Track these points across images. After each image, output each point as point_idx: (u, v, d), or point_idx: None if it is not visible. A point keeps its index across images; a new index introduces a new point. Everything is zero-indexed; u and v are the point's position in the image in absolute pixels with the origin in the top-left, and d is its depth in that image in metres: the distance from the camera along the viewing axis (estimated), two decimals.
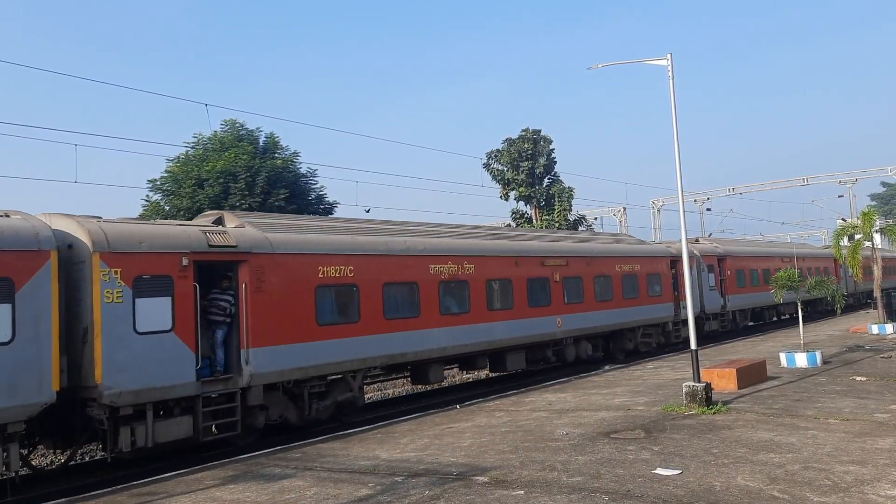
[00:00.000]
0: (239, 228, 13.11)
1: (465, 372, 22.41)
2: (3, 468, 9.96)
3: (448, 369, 21.64)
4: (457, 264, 16.73)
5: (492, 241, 18.87)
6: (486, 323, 17.36)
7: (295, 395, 13.62)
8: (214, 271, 12.57)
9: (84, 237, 10.69)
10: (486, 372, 22.00)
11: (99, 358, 10.33)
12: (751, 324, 33.86)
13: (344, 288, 14.21)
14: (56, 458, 14.76)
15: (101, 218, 11.65)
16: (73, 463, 12.93)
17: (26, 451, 11.56)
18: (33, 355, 9.85)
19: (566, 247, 21.33)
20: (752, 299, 31.90)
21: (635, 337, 23.75)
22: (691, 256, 24.73)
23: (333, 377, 14.25)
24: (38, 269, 10.11)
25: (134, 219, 14.08)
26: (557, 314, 19.83)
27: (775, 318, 37.04)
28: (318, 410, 13.96)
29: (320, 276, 13.67)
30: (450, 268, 16.53)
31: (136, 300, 10.93)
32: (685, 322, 24.12)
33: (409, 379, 19.09)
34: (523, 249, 19.31)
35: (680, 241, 15.06)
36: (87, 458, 14.52)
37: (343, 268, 14.11)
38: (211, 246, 12.03)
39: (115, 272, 10.75)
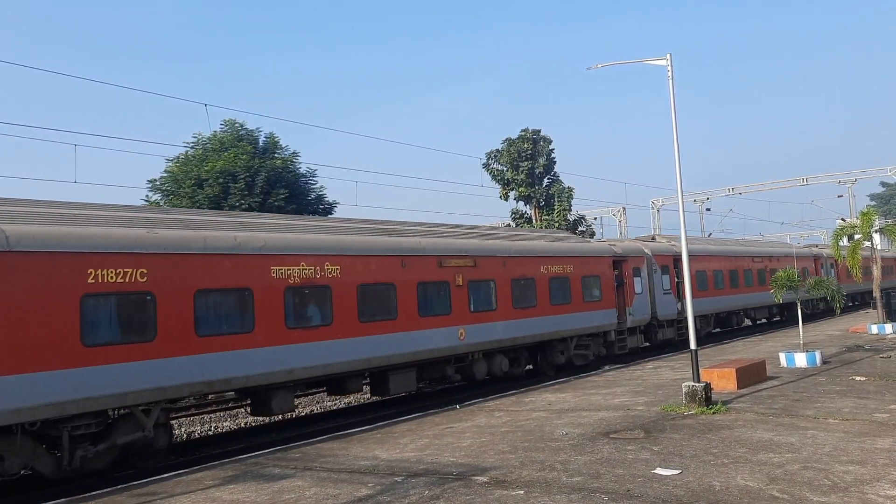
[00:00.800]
0: None
1: (336, 397, 19.27)
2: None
3: (311, 394, 19.55)
4: (314, 266, 13.89)
5: (367, 237, 15.76)
6: (358, 337, 14.47)
7: (52, 438, 10.75)
8: None
9: None
10: (366, 395, 19.34)
11: None
12: (716, 330, 31.37)
13: (130, 297, 11.15)
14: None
15: None
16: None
17: None
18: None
19: (473, 245, 18.16)
20: (716, 304, 29.27)
21: (568, 349, 21.06)
22: (640, 256, 24.30)
23: (120, 412, 11.46)
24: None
25: None
26: (460, 324, 16.87)
27: (748, 323, 34.93)
28: (88, 459, 11.03)
29: (91, 281, 10.66)
30: (303, 270, 13.70)
31: None
32: (632, 330, 23.62)
33: (248, 409, 16.13)
34: (413, 248, 16.25)
35: (633, 238, 15.25)
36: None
37: (130, 271, 11.10)
38: None
39: None
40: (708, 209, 54.97)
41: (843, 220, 46.38)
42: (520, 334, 18.94)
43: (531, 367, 21.25)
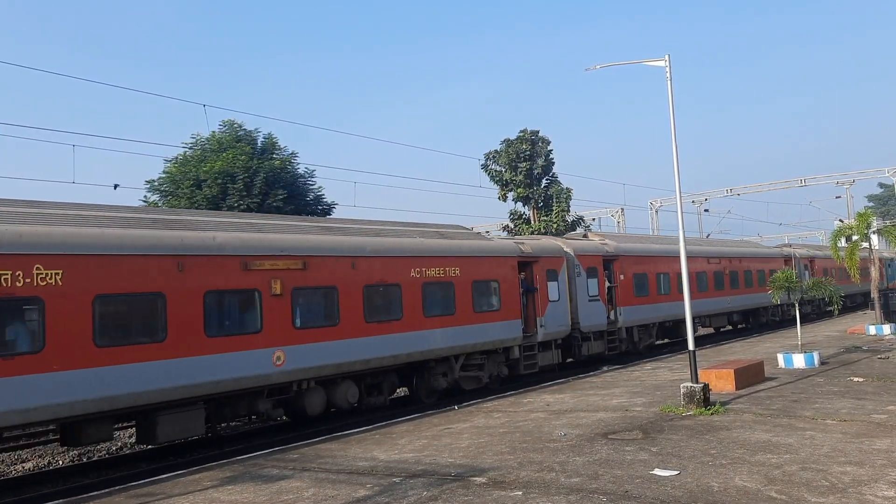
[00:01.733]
0: None
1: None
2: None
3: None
4: (13, 270, 9.90)
5: (118, 230, 11.48)
6: (93, 368, 10.47)
7: None
8: None
9: None
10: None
11: None
12: (663, 341, 27.58)
13: None
14: (54, 459, 14.75)
15: None
16: (71, 464, 12.91)
17: None
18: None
19: (301, 242, 14.10)
20: (661, 311, 25.01)
21: (452, 370, 17.14)
22: (557, 256, 20.77)
23: None
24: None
25: None
26: (276, 346, 13.07)
27: (706, 333, 32.08)
28: None
29: None
30: None
31: None
32: (546, 345, 19.92)
33: None
34: (199, 245, 12.27)
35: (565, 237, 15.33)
36: (84, 459, 14.51)
37: None
38: None
39: None
40: (706, 210, 55.00)
41: (840, 220, 46.45)
42: (376, 354, 14.95)
43: (406, 392, 18.05)
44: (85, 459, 14.31)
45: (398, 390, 17.97)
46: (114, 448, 15.49)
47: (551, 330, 20.05)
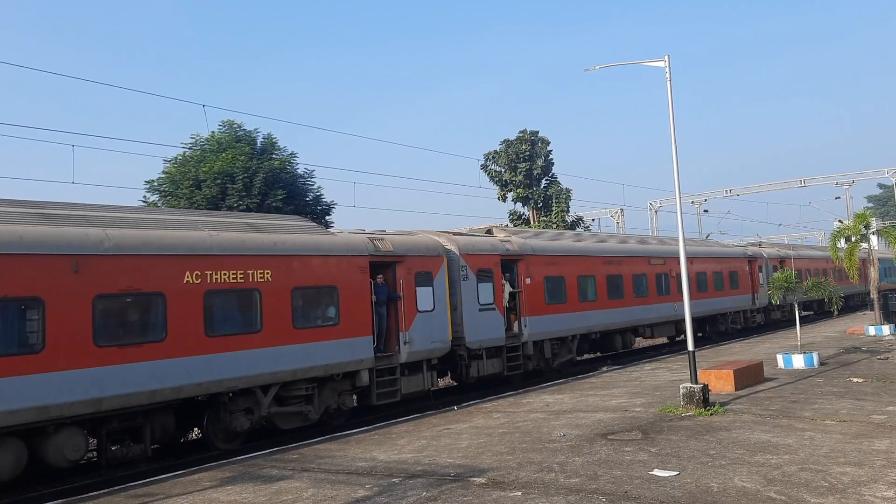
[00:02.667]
0: None
1: None
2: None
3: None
4: None
5: None
6: None
7: None
8: None
9: None
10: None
11: None
12: (587, 357, 24.20)
13: None
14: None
15: None
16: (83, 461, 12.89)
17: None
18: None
19: None
20: (584, 321, 21.12)
21: (260, 405, 13.06)
22: (433, 256, 16.47)
23: None
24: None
25: None
26: None
27: (641, 345, 28.73)
28: None
29: None
30: None
31: None
32: (413, 366, 15.84)
33: None
34: None
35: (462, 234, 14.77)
36: (84, 460, 14.50)
37: None
38: None
39: None
40: (706, 210, 54.99)
41: (840, 221, 46.48)
42: (118, 391, 10.85)
43: (198, 434, 14.09)
44: (84, 460, 14.27)
45: (192, 431, 14.27)
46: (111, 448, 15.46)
47: (421, 347, 15.77)
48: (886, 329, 25.20)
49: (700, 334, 28.54)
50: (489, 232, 20.35)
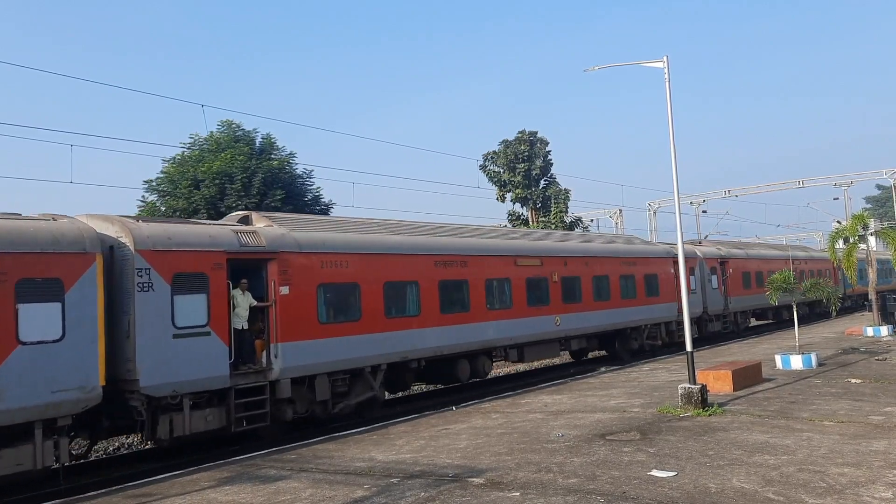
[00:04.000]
0: None
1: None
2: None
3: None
4: None
5: None
6: None
7: None
8: None
9: None
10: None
11: None
12: (415, 390, 20.00)
13: None
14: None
15: None
16: (68, 464, 12.87)
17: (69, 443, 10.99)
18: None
19: None
20: (392, 344, 15.43)
21: None
22: (70, 254, 10.60)
23: None
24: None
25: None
26: None
27: (510, 372, 24.21)
28: None
29: None
30: None
31: None
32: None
33: None
34: None
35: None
36: (97, 456, 14.56)
37: None
38: None
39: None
40: (704, 211, 54.97)
41: (838, 222, 46.53)
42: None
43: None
44: (95, 456, 14.26)
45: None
46: (111, 448, 15.48)
47: (22, 403, 10.00)
48: (884, 330, 25.24)
49: (604, 352, 24.82)
50: (244, 220, 14.68)
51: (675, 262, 23.55)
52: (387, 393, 17.19)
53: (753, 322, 35.06)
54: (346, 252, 14.91)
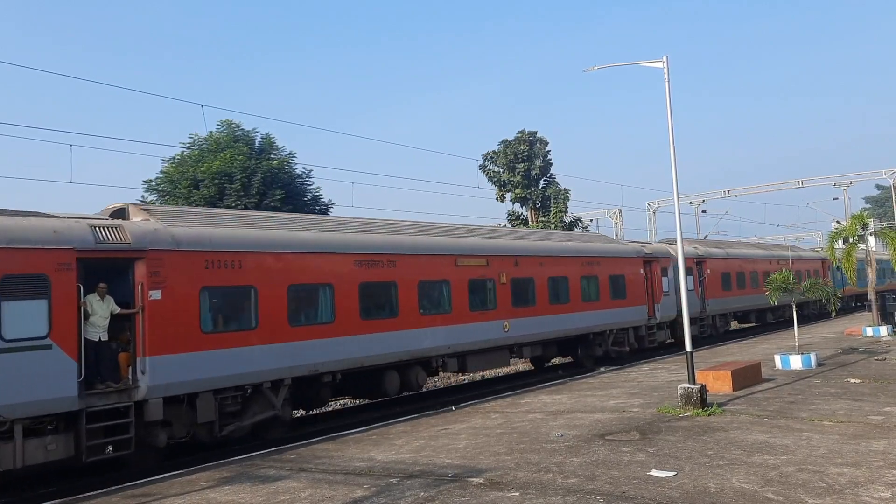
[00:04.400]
0: None
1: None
2: None
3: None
4: None
5: None
6: None
7: None
8: None
9: None
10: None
11: None
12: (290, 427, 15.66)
13: None
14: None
15: None
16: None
17: None
18: None
19: None
20: (298, 356, 13.55)
21: None
22: None
23: None
24: None
25: None
26: None
27: (451, 383, 22.49)
28: None
29: None
30: None
31: None
32: None
33: None
34: None
35: None
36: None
37: None
38: None
39: None
40: (704, 211, 55.01)
41: (838, 222, 46.53)
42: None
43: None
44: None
45: None
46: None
47: None
48: (884, 330, 25.24)
49: (569, 358, 23.19)
50: (118, 213, 12.81)
51: (647, 262, 24.40)
52: (302, 411, 15.59)
53: (735, 325, 33.60)
54: (240, 250, 12.87)
